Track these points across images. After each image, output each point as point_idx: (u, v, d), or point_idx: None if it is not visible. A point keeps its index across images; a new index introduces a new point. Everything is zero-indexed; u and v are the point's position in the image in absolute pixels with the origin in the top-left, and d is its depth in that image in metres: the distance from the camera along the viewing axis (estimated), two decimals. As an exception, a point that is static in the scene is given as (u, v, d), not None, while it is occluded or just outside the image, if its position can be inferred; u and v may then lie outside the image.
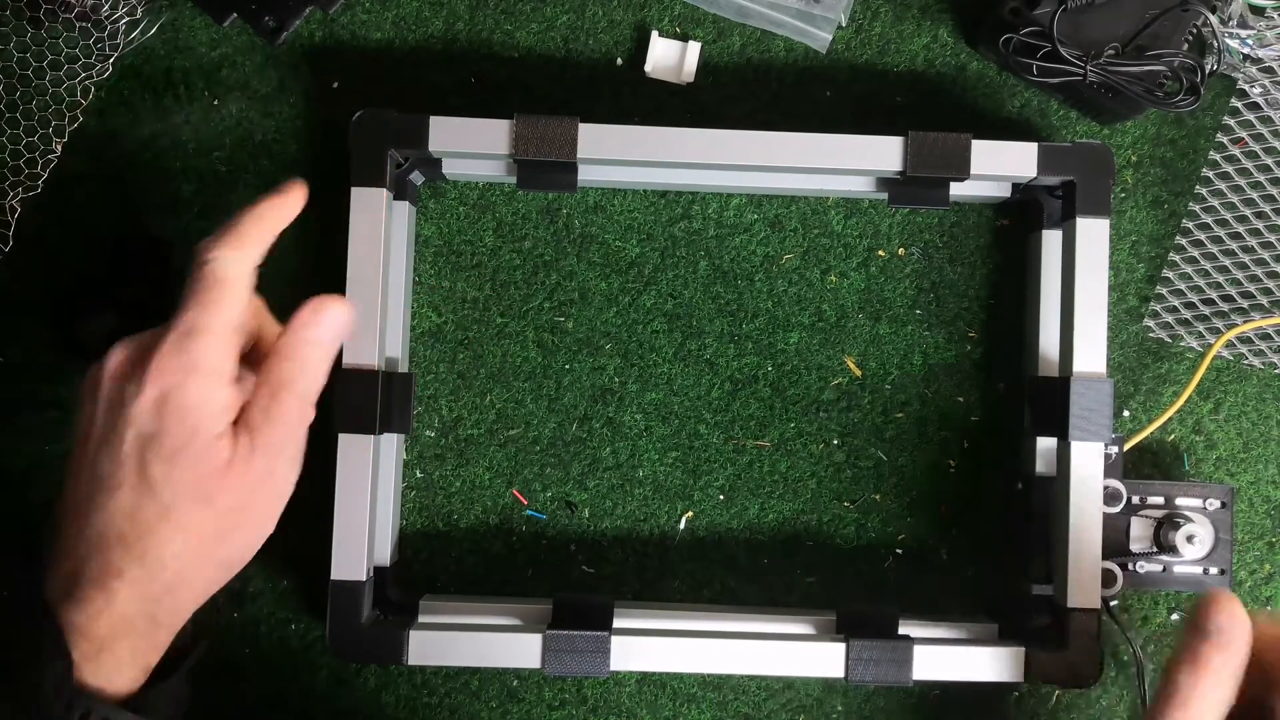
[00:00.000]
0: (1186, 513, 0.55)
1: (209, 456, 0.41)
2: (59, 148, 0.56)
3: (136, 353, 0.42)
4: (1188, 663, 0.43)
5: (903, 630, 0.53)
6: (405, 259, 0.55)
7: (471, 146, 0.52)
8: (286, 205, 0.46)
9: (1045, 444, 0.55)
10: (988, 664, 0.52)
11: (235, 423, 0.42)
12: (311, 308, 0.44)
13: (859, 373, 0.57)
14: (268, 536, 0.44)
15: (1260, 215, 0.57)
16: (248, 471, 0.42)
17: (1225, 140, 0.57)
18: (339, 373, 0.51)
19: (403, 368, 0.56)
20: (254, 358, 0.46)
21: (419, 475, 0.57)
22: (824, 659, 0.51)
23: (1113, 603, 0.55)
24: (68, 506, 0.42)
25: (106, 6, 0.55)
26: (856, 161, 0.52)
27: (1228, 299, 0.58)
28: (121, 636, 0.41)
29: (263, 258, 0.44)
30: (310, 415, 0.44)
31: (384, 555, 0.54)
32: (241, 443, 0.42)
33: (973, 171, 0.52)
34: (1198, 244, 0.57)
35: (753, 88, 0.57)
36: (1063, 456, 0.53)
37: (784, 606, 0.57)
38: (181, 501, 0.41)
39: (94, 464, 0.42)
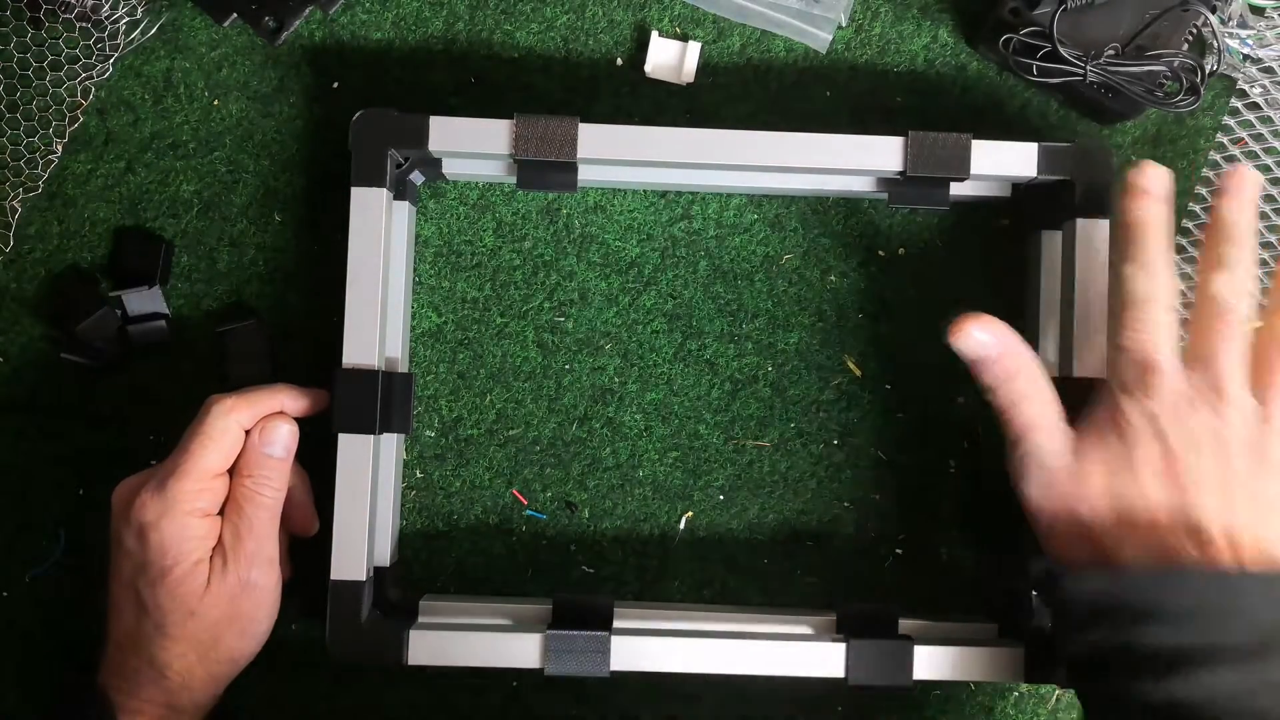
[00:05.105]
0: (1186, 513, 0.55)
1: (189, 581, 0.48)
2: (59, 148, 0.56)
3: (129, 492, 0.49)
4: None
5: (903, 630, 0.53)
6: (405, 259, 0.55)
7: (471, 146, 0.52)
8: (303, 400, 0.52)
9: (1045, 444, 0.55)
10: (988, 664, 0.52)
11: (215, 546, 0.49)
12: (259, 428, 0.50)
13: (859, 373, 0.57)
14: (268, 633, 0.51)
15: (1260, 215, 0.57)
16: (225, 586, 0.49)
17: (1225, 140, 0.57)
18: (339, 373, 0.51)
19: (403, 368, 0.56)
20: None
21: (419, 475, 0.57)
22: (824, 659, 0.51)
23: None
24: (108, 615, 0.51)
25: (106, 6, 0.55)
26: (856, 161, 0.52)
27: (1228, 299, 0.57)
28: (147, 713, 0.49)
29: (254, 421, 0.50)
30: (276, 522, 0.51)
31: (384, 555, 0.54)
32: (216, 563, 0.49)
33: (973, 171, 0.52)
34: (1198, 244, 0.57)
35: (753, 88, 0.57)
36: (1063, 456, 0.52)
37: (784, 606, 0.57)
38: (171, 618, 0.48)
39: (109, 587, 0.50)
